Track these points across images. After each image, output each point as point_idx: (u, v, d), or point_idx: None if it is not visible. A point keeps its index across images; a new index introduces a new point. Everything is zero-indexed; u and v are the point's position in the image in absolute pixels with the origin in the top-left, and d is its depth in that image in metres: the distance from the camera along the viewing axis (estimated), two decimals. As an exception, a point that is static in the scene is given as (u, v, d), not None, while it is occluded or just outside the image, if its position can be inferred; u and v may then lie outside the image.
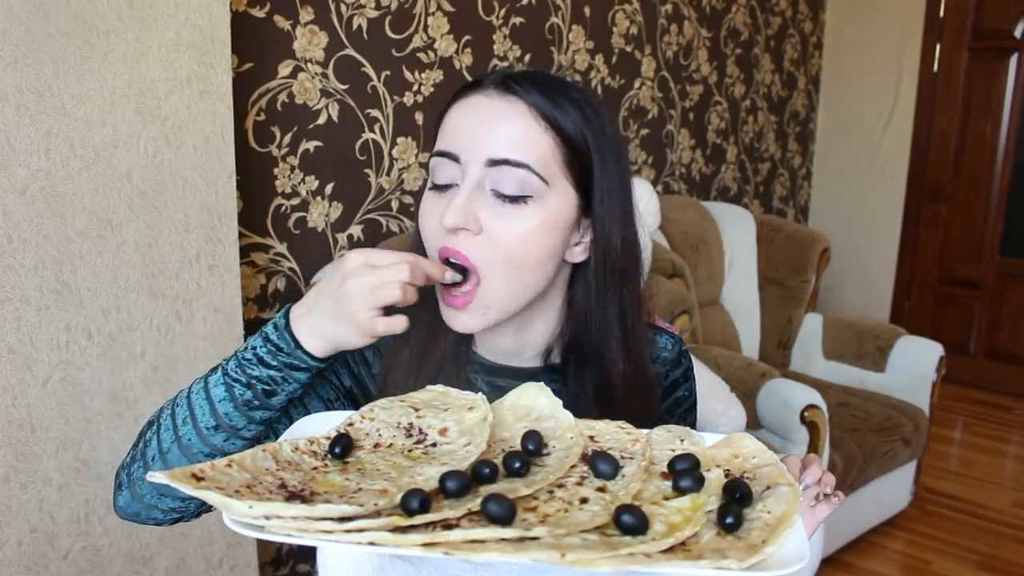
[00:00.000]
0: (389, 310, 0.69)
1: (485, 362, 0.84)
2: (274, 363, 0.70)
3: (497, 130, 0.73)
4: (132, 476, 0.73)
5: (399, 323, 0.69)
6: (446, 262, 0.74)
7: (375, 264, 0.68)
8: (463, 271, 0.74)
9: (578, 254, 0.80)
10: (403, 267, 0.67)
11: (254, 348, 0.71)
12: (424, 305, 0.80)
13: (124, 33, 1.34)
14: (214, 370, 0.73)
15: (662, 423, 0.88)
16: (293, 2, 1.88)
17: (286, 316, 0.72)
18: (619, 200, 0.79)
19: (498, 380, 0.83)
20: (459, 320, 0.76)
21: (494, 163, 0.73)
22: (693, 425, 0.92)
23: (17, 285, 1.28)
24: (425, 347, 0.81)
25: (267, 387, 0.71)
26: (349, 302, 0.67)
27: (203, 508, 0.75)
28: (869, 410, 2.58)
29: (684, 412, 0.91)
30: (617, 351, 0.81)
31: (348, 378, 0.82)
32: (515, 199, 0.73)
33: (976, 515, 2.79)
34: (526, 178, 0.73)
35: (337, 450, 0.65)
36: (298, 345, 0.70)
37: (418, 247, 0.82)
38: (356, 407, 0.81)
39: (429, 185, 0.78)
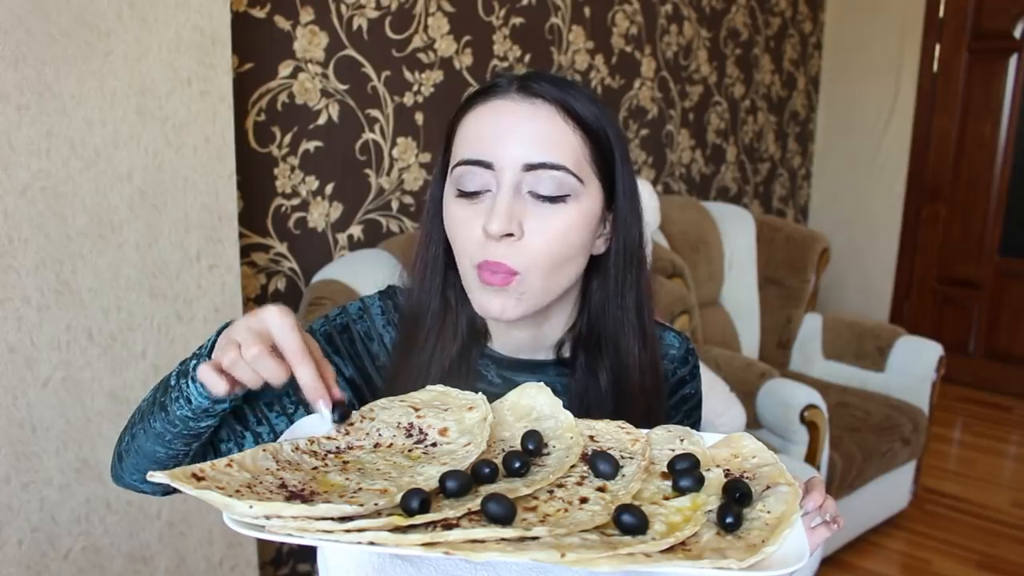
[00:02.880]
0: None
1: (496, 355, 0.84)
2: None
3: (529, 134, 0.74)
4: (120, 451, 0.77)
5: (213, 384, 0.65)
6: (339, 406, 0.68)
7: (269, 333, 0.64)
8: (344, 415, 0.68)
9: (600, 246, 0.81)
10: (263, 361, 0.63)
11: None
12: (437, 299, 0.82)
13: (125, 34, 1.35)
14: (161, 410, 0.72)
15: (669, 419, 0.88)
16: (293, 2, 1.89)
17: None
18: (634, 194, 0.81)
19: (510, 373, 0.84)
20: (492, 304, 0.75)
21: (531, 167, 0.73)
22: (698, 422, 0.93)
23: (18, 285, 1.28)
24: (438, 343, 0.81)
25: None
26: (231, 331, 0.66)
27: None
28: (869, 410, 2.58)
29: (690, 409, 0.92)
30: (634, 338, 0.82)
31: (351, 368, 0.83)
32: (555, 199, 0.74)
33: (975, 515, 2.79)
34: (564, 179, 0.74)
35: (335, 416, 0.65)
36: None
37: (432, 256, 0.82)
38: (358, 395, 0.82)
39: (456, 193, 0.77)
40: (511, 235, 0.73)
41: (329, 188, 2.03)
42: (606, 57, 2.76)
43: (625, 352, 0.82)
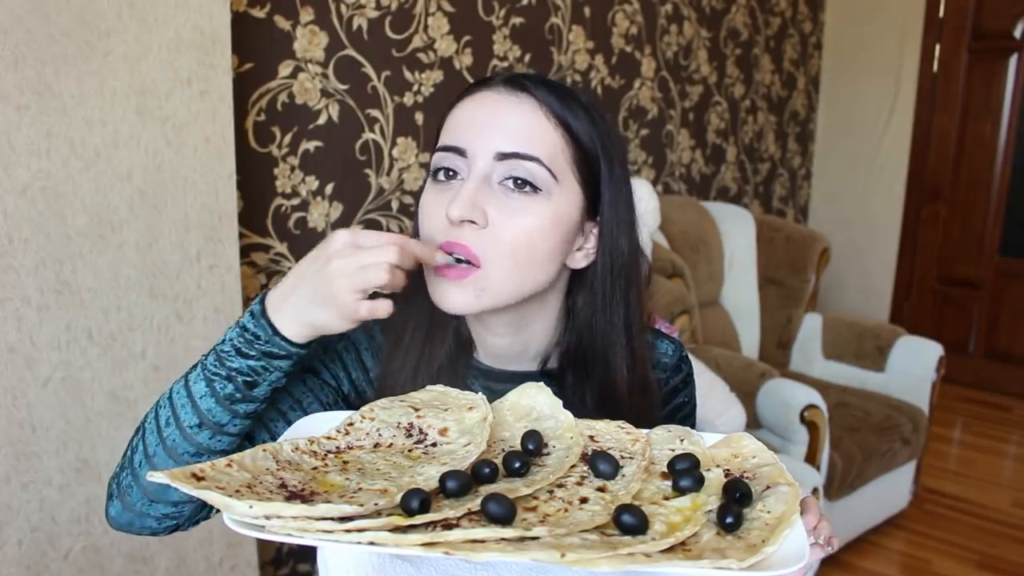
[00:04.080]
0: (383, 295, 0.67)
1: (482, 367, 0.84)
2: (252, 352, 0.68)
3: (507, 124, 0.73)
4: (121, 484, 0.71)
5: (383, 307, 0.65)
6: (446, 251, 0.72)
7: (362, 244, 0.65)
8: (458, 258, 0.72)
9: (580, 259, 0.79)
10: (391, 248, 0.64)
11: (231, 339, 0.68)
12: (422, 309, 0.80)
13: (125, 33, 1.35)
14: (194, 367, 0.70)
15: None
16: (293, 2, 1.89)
17: (262, 302, 0.69)
18: (626, 207, 0.79)
19: (496, 384, 0.82)
20: (450, 297, 0.72)
21: (504, 156, 0.72)
22: (692, 427, 0.92)
23: (17, 285, 1.28)
24: (423, 352, 0.80)
25: (248, 378, 0.68)
26: (332, 282, 0.64)
27: (200, 515, 0.73)
28: (869, 410, 2.58)
29: (684, 418, 0.91)
30: (621, 357, 0.80)
31: (347, 383, 0.82)
32: (524, 188, 0.72)
33: (975, 515, 2.79)
34: (536, 171, 0.72)
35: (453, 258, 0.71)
36: (276, 332, 0.67)
37: None
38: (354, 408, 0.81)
39: (430, 181, 0.77)
40: (474, 223, 0.71)
41: (329, 188, 2.03)
42: (606, 57, 2.76)
43: (614, 370, 0.80)
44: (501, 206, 0.72)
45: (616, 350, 0.80)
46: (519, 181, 0.72)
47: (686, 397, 0.91)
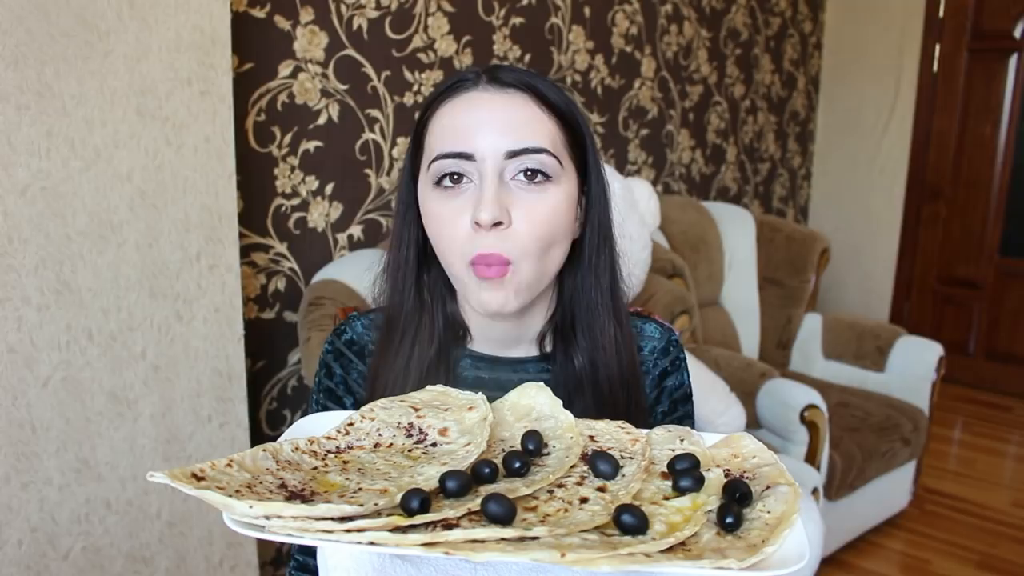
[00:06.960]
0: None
1: (476, 354, 0.84)
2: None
3: (508, 121, 0.74)
4: None
5: None
6: None
7: None
8: None
9: (576, 231, 0.82)
10: None
11: None
12: (413, 301, 0.82)
13: (125, 33, 1.35)
14: None
15: (653, 409, 0.89)
16: (293, 2, 1.89)
17: None
18: (603, 174, 0.82)
19: (490, 372, 0.84)
20: (489, 300, 0.75)
21: (514, 154, 0.73)
22: (688, 417, 0.92)
23: (18, 285, 1.28)
24: (415, 343, 0.82)
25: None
26: None
27: None
28: (869, 410, 2.58)
29: (675, 402, 0.91)
30: (608, 319, 0.83)
31: (350, 400, 0.84)
32: (539, 183, 0.74)
33: (975, 515, 2.79)
34: (546, 161, 0.74)
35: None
36: None
37: (403, 258, 0.82)
38: None
39: (435, 189, 0.76)
40: (500, 223, 0.73)
41: (329, 188, 2.03)
42: (606, 57, 2.76)
43: (601, 333, 0.83)
44: (520, 201, 0.74)
45: (601, 311, 0.83)
46: (531, 172, 0.74)
47: (676, 381, 0.91)
